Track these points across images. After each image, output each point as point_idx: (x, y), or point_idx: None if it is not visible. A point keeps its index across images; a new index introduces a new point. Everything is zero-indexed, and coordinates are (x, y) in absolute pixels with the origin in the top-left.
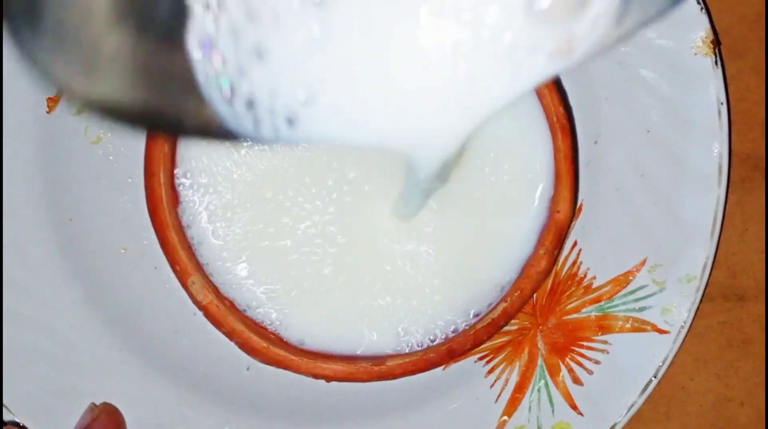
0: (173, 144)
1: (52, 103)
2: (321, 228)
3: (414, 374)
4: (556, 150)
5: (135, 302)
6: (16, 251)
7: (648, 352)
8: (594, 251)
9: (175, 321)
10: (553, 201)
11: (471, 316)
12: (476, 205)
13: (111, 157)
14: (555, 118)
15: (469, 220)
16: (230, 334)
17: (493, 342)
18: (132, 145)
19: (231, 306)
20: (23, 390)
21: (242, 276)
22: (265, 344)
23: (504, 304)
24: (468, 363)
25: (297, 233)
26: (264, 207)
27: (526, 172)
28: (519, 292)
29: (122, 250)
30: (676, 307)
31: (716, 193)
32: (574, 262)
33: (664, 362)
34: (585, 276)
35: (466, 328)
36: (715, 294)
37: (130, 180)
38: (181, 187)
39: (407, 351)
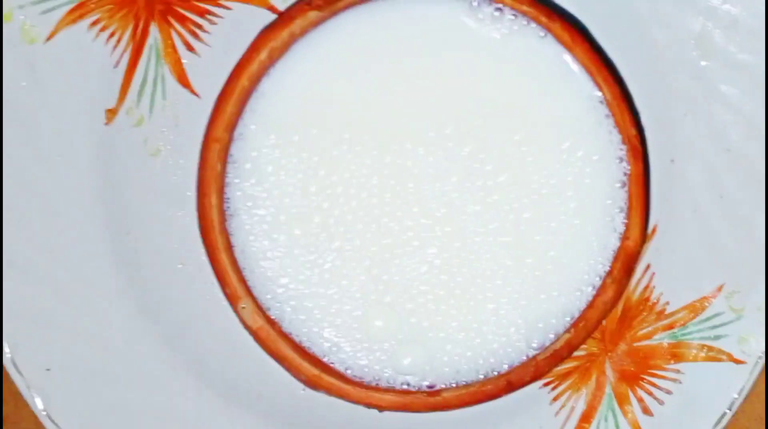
0: (224, 163)
1: (111, 114)
2: (375, 257)
3: (471, 405)
4: (628, 174)
5: (190, 319)
6: (72, 263)
7: (723, 383)
8: (668, 275)
9: (230, 339)
10: (624, 227)
11: (533, 346)
12: (542, 231)
13: (170, 170)
14: (627, 140)
15: (534, 247)
16: (281, 360)
17: (560, 368)
18: (191, 157)
19: (281, 332)
20: (74, 405)
21: (293, 303)
22: (316, 371)
23: (567, 336)
24: (531, 388)
25: (355, 265)
26: (317, 234)
27: (595, 196)
28: (584, 322)
29: (179, 266)
30: (753, 336)
31: None
32: (647, 287)
33: (739, 394)
34: (658, 301)
35: (527, 359)
36: None
37: (188, 193)
38: (233, 209)
39: (465, 381)
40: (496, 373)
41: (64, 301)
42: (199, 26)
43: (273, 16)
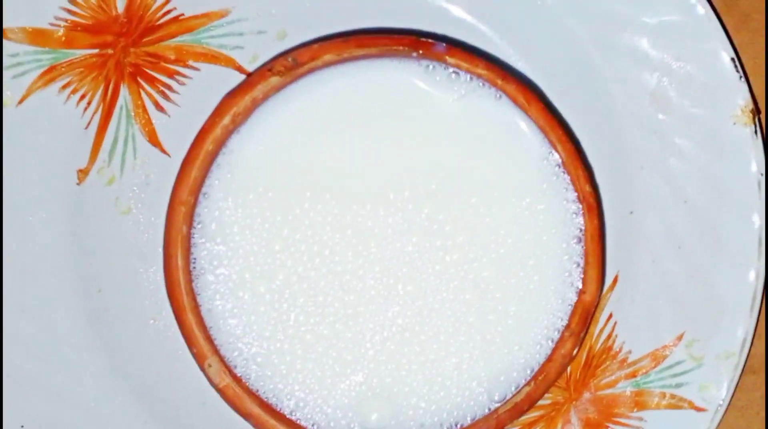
0: (190, 225)
1: (83, 174)
2: (338, 314)
3: None
4: (583, 230)
5: (162, 373)
6: (43, 321)
7: None
8: (629, 324)
9: (202, 394)
10: (581, 282)
11: (495, 399)
12: (502, 288)
13: (141, 228)
14: (582, 197)
15: (495, 303)
16: (248, 417)
17: (525, 417)
18: (161, 215)
19: (248, 389)
20: None
21: (259, 360)
22: (283, 428)
23: (528, 388)
24: None
25: (319, 321)
26: (281, 291)
27: (552, 253)
28: (544, 375)
29: (150, 321)
30: (714, 384)
31: (756, 266)
32: (609, 335)
33: None
34: (621, 350)
35: (489, 412)
36: (758, 366)
37: (159, 250)
38: (200, 269)
39: None
40: (459, 427)
41: (36, 358)
42: (169, 87)
43: (240, 77)
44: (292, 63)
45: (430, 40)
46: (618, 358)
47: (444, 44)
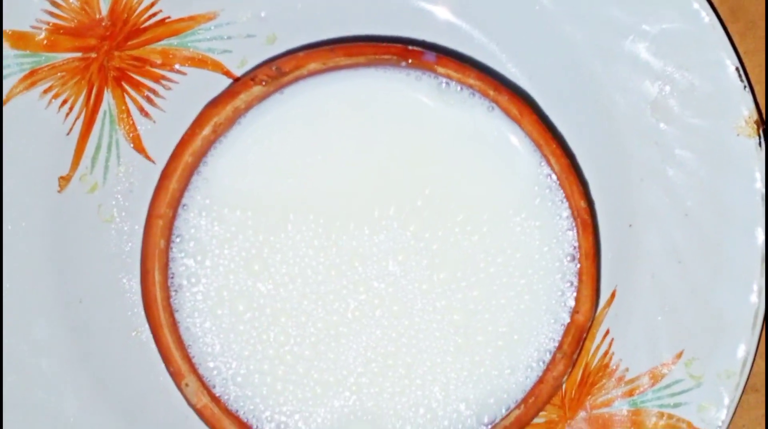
0: (168, 239)
1: (64, 181)
2: (320, 334)
3: None
4: (577, 247)
5: (144, 387)
6: (23, 332)
7: None
8: (627, 341)
9: (185, 409)
10: (574, 302)
11: (483, 422)
12: (491, 308)
13: (124, 237)
14: (576, 213)
15: (484, 324)
16: None
17: None
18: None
19: (226, 409)
20: None
21: (239, 379)
22: None
23: (518, 412)
24: None
25: (300, 341)
26: (262, 309)
27: (544, 272)
28: (534, 398)
29: (132, 333)
30: (714, 404)
31: (759, 283)
32: (606, 353)
33: None
34: (617, 367)
35: None
36: (760, 384)
37: None
38: (177, 284)
39: None
40: None
41: (14, 370)
42: (154, 92)
43: (228, 83)
44: (276, 72)
45: (418, 49)
46: (615, 376)
47: (434, 53)
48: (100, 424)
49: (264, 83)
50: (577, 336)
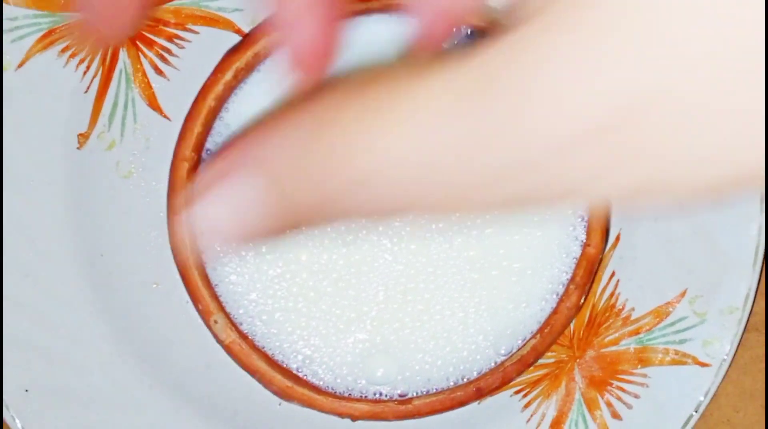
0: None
1: (83, 138)
2: (342, 271)
3: (441, 413)
4: None
5: (166, 337)
6: (46, 286)
7: (689, 386)
8: (632, 282)
9: (206, 355)
10: (585, 235)
11: (501, 352)
12: (506, 244)
13: (142, 192)
14: None
15: (499, 260)
16: (254, 373)
17: (529, 375)
18: (162, 178)
19: (254, 346)
20: (53, 426)
21: (264, 317)
22: (289, 383)
23: (534, 341)
24: (503, 397)
25: (322, 279)
26: (284, 249)
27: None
28: (549, 327)
29: (153, 285)
30: (717, 339)
31: (758, 221)
32: (612, 294)
33: (705, 396)
34: (623, 307)
35: (495, 365)
36: (761, 324)
37: (161, 214)
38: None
39: (435, 389)
40: (465, 381)
41: (39, 323)
42: (168, 50)
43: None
44: None
45: None
46: (621, 316)
47: None
48: (124, 373)
49: None
50: (589, 268)
